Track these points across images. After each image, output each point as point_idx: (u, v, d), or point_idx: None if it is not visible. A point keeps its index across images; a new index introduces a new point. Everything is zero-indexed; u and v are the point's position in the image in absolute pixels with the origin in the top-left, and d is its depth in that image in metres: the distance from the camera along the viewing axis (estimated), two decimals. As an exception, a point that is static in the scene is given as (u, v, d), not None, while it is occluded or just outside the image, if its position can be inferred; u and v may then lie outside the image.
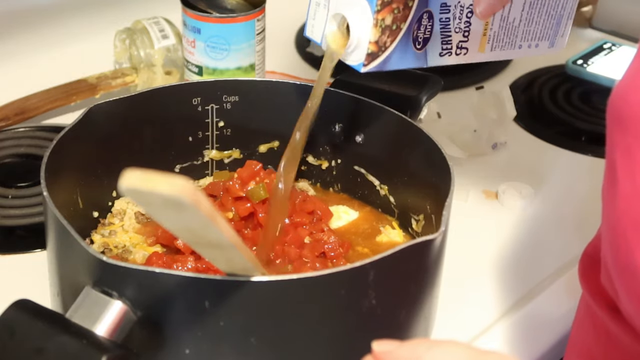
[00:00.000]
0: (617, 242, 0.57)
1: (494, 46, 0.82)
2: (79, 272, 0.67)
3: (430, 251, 0.71)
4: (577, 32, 1.38)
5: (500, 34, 0.82)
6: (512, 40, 0.83)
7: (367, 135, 0.89)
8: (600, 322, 0.68)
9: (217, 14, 1.03)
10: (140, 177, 0.50)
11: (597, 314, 0.69)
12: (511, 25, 0.82)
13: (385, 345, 0.55)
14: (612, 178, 0.58)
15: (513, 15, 0.82)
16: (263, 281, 0.64)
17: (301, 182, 0.93)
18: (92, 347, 0.61)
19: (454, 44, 0.79)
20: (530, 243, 0.95)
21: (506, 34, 0.82)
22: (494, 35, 0.81)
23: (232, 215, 0.83)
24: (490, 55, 0.82)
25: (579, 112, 1.18)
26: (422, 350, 0.54)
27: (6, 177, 0.99)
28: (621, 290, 0.60)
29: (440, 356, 0.53)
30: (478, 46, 0.81)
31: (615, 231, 0.58)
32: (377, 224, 0.90)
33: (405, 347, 0.55)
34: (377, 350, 0.55)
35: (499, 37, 0.82)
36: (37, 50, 1.20)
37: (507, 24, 0.82)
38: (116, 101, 0.84)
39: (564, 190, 1.04)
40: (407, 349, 0.54)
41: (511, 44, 0.83)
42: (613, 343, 0.67)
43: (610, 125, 0.58)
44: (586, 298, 0.71)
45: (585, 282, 0.71)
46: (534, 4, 0.83)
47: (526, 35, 0.84)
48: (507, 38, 0.83)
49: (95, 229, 0.86)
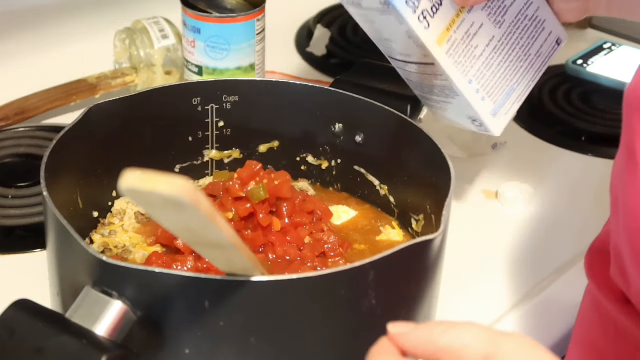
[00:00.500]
0: (637, 226, 0.57)
1: (451, 52, 0.80)
2: (79, 272, 0.67)
3: (430, 251, 0.71)
4: (577, 32, 1.38)
5: (460, 47, 0.80)
6: (467, 66, 0.81)
7: (367, 135, 0.89)
8: (608, 316, 0.68)
9: (217, 14, 1.03)
10: (140, 177, 0.50)
11: (604, 307, 0.68)
12: (472, 49, 0.81)
13: (400, 327, 0.55)
14: (632, 164, 0.57)
15: (477, 41, 0.81)
16: (263, 281, 0.64)
17: (301, 182, 0.93)
18: (92, 347, 0.61)
19: (420, 6, 0.77)
20: (530, 243, 0.95)
21: (465, 53, 0.81)
22: (454, 41, 0.80)
23: (232, 216, 0.83)
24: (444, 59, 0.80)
25: (579, 112, 1.18)
26: (439, 332, 0.53)
27: (6, 177, 0.99)
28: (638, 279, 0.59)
29: (457, 338, 0.53)
30: (439, 35, 0.79)
31: (635, 215, 0.57)
32: (377, 221, 0.90)
33: (422, 329, 0.54)
34: (392, 332, 0.55)
35: (458, 49, 0.80)
36: (37, 50, 1.20)
37: (470, 45, 0.81)
38: (116, 101, 0.84)
39: (564, 190, 1.04)
40: (424, 331, 0.54)
41: (465, 69, 0.81)
42: (621, 336, 0.67)
43: (629, 114, 0.58)
44: (593, 291, 0.71)
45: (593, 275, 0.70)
46: (498, 50, 0.82)
47: (480, 76, 0.82)
48: (464, 58, 0.81)
49: (95, 229, 0.86)
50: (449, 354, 0.53)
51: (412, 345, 0.54)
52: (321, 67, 1.25)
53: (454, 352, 0.53)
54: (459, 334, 0.53)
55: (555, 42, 0.86)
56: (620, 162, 0.60)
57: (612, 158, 1.17)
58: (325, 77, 1.21)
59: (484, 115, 0.84)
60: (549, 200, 1.01)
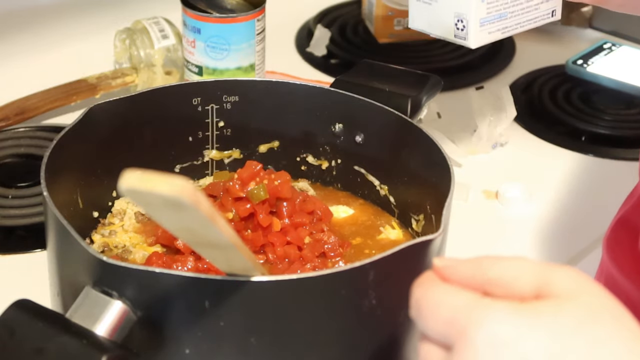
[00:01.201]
0: None
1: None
2: (79, 272, 0.67)
3: (430, 251, 0.71)
4: (577, 32, 1.38)
5: None
6: None
7: (367, 135, 0.89)
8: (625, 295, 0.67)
9: (217, 14, 1.03)
10: (140, 177, 0.50)
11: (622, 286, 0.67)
12: None
13: (447, 260, 0.53)
14: None
15: None
16: (263, 281, 0.64)
17: (301, 182, 0.93)
18: (92, 347, 0.61)
19: None
20: (530, 243, 0.95)
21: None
22: None
23: (232, 216, 0.83)
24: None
25: (579, 112, 1.18)
26: (488, 264, 0.52)
27: (6, 177, 0.99)
28: None
29: (507, 269, 0.51)
30: None
31: None
32: (377, 219, 0.90)
33: (469, 262, 0.53)
34: (439, 265, 0.53)
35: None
36: (37, 50, 1.20)
37: None
38: (116, 101, 0.84)
39: (564, 190, 1.04)
40: (471, 264, 0.52)
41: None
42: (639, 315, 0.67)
43: None
44: (611, 272, 0.69)
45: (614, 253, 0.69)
46: None
47: None
48: None
49: (95, 229, 0.86)
50: (499, 286, 0.51)
51: (460, 276, 0.52)
52: (321, 67, 1.25)
53: (504, 284, 0.51)
54: (509, 266, 0.51)
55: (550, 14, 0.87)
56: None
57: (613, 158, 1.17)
58: (325, 77, 1.21)
59: (474, 17, 0.82)
60: (549, 200, 1.01)
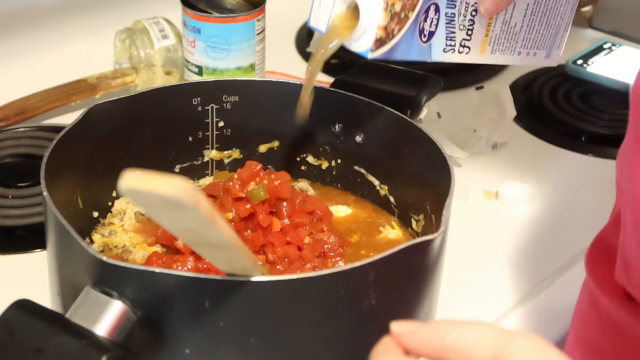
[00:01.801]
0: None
1: (495, 49, 0.82)
2: (79, 272, 0.67)
3: (430, 251, 0.71)
4: (577, 32, 1.38)
5: (501, 37, 0.82)
6: (512, 45, 0.84)
7: (367, 135, 0.89)
8: (606, 314, 0.68)
9: (217, 14, 1.03)
10: (140, 177, 0.50)
11: (602, 305, 0.68)
12: (512, 29, 0.83)
13: (405, 325, 0.52)
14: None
15: (515, 20, 0.82)
16: (263, 281, 0.64)
17: (301, 182, 0.93)
18: (92, 347, 0.61)
19: (457, 41, 0.79)
20: (530, 243, 0.95)
21: (507, 38, 0.83)
22: (495, 38, 0.82)
23: (232, 216, 0.83)
24: (491, 58, 0.83)
25: (579, 112, 1.18)
26: (446, 330, 0.51)
27: (6, 177, 0.99)
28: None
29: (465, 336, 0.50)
30: (480, 46, 0.81)
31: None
32: (377, 216, 0.90)
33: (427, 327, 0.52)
34: (396, 330, 0.52)
35: (500, 41, 0.83)
36: (37, 50, 1.20)
37: (509, 28, 0.82)
38: (116, 101, 0.84)
39: (564, 190, 1.04)
40: (429, 329, 0.51)
41: (511, 49, 0.84)
42: (620, 334, 0.67)
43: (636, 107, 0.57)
44: (592, 289, 0.70)
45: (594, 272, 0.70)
46: (535, 12, 0.83)
47: (526, 42, 0.85)
48: (508, 42, 0.83)
49: (95, 229, 0.86)
50: (456, 353, 0.50)
51: (417, 344, 0.52)
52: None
53: (461, 350, 0.50)
54: (466, 332, 0.51)
55: None
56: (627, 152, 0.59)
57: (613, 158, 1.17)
58: (325, 77, 1.21)
59: (540, 62, 0.88)
60: (549, 200, 1.01)
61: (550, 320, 0.86)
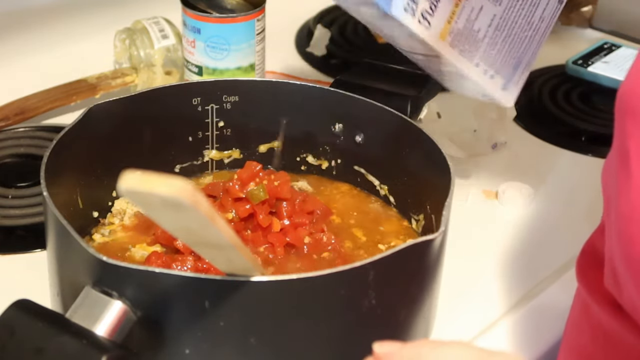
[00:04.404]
0: (630, 232, 0.56)
1: (455, 43, 0.81)
2: (79, 272, 0.67)
3: (430, 251, 0.71)
4: (577, 32, 1.38)
5: (463, 34, 0.81)
6: (472, 51, 0.82)
7: (367, 135, 0.89)
8: (598, 321, 0.68)
9: (217, 14, 1.03)
10: (139, 178, 0.50)
11: (594, 312, 0.68)
12: (475, 34, 0.82)
13: (387, 346, 0.54)
14: (624, 170, 0.57)
15: (479, 25, 0.81)
16: (263, 281, 0.64)
17: (301, 182, 0.93)
18: (92, 347, 0.61)
19: (419, 9, 0.77)
20: (530, 243, 0.95)
21: (468, 39, 0.82)
22: (457, 32, 0.80)
23: (232, 217, 0.83)
24: (450, 52, 0.81)
25: (579, 112, 1.18)
26: (426, 351, 0.52)
27: (6, 177, 0.99)
28: (630, 284, 0.59)
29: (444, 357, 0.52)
30: (441, 30, 0.79)
31: (628, 221, 0.57)
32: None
33: (408, 348, 0.53)
34: (378, 351, 0.54)
35: (461, 38, 0.81)
36: (37, 50, 1.20)
37: (472, 30, 0.81)
38: (116, 101, 0.84)
39: (564, 190, 1.04)
40: (410, 350, 0.53)
41: (471, 55, 0.83)
42: (611, 342, 0.67)
43: (621, 117, 0.57)
44: (583, 296, 0.70)
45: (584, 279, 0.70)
46: (500, 27, 0.82)
47: (486, 56, 0.84)
48: (469, 45, 0.82)
49: (95, 228, 0.86)
50: None
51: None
52: (321, 67, 1.25)
53: None
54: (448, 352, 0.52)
55: (557, 2, 0.86)
56: (613, 165, 0.59)
57: (612, 158, 1.15)
58: (325, 77, 1.21)
59: (495, 91, 0.86)
60: (549, 200, 1.01)
61: (550, 319, 0.86)
